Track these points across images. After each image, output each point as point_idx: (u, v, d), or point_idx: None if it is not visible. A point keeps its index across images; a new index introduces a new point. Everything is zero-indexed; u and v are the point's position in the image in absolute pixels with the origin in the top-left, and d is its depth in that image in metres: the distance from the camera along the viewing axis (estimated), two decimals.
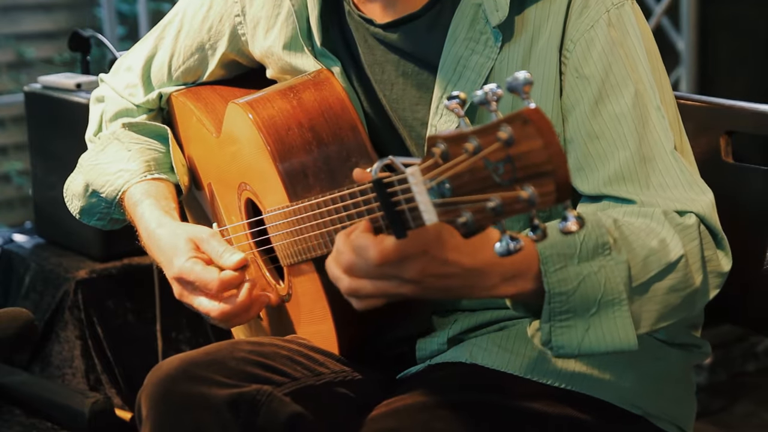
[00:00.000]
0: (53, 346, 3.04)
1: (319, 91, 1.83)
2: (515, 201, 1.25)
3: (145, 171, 2.01)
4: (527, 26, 1.72)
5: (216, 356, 1.72)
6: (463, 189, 1.29)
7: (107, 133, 2.10)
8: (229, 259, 1.81)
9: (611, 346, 1.56)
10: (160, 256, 1.90)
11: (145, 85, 2.12)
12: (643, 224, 1.62)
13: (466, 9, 1.74)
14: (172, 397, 1.67)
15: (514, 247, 1.30)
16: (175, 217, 1.94)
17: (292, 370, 1.74)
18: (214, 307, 1.81)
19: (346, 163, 1.78)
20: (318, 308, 1.79)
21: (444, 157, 1.30)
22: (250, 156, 1.84)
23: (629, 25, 1.72)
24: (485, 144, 1.26)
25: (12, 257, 3.30)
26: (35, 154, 3.33)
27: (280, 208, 1.78)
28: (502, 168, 1.25)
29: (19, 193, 5.96)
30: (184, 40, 2.06)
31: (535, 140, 1.23)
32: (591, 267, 1.54)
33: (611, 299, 1.55)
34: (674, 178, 1.67)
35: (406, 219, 1.39)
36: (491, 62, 1.72)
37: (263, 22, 1.94)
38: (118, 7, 5.81)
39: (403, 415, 1.68)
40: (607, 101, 1.69)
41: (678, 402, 1.84)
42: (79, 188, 2.08)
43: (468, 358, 1.77)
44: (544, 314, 1.55)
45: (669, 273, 1.60)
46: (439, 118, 1.75)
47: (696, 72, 4.81)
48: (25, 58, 6.07)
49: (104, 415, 2.82)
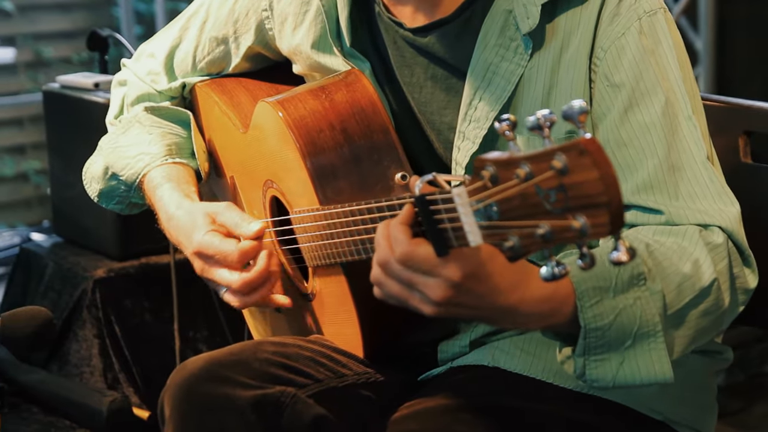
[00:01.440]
0: (71, 344, 3.04)
1: (350, 92, 1.82)
2: (566, 230, 1.25)
3: (166, 155, 2.00)
4: (557, 34, 1.71)
5: (240, 357, 1.72)
6: (511, 213, 1.29)
7: (129, 116, 2.09)
8: (247, 228, 1.80)
9: (646, 379, 1.54)
10: (179, 236, 1.89)
11: (168, 74, 2.11)
12: (675, 244, 1.60)
13: (496, 15, 1.73)
14: (196, 398, 1.67)
15: (559, 272, 1.29)
16: (194, 200, 1.93)
17: (315, 371, 1.74)
18: (235, 278, 1.80)
19: (377, 165, 1.77)
20: (343, 311, 1.79)
21: (493, 181, 1.29)
22: (279, 155, 1.84)
23: (661, 33, 1.70)
24: (538, 171, 1.25)
25: (30, 256, 3.31)
26: (53, 154, 3.34)
27: (309, 210, 1.77)
28: (554, 196, 1.25)
29: (37, 192, 5.98)
30: (210, 31, 2.05)
31: (590, 171, 1.23)
32: (626, 300, 1.53)
33: (646, 331, 1.53)
34: (703, 188, 1.65)
35: (449, 237, 1.38)
36: (521, 69, 1.71)
37: (291, 18, 1.93)
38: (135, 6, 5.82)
39: (425, 417, 1.68)
40: (636, 110, 1.68)
41: (699, 407, 1.83)
42: (99, 171, 2.07)
43: (490, 361, 1.76)
44: (578, 348, 1.53)
45: (702, 298, 1.59)
46: (467, 125, 1.74)
47: (714, 72, 4.79)
48: (43, 57, 6.09)
49: (122, 414, 2.83)
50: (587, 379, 1.53)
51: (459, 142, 1.75)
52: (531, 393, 1.71)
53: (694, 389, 1.81)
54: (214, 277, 1.83)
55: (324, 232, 1.73)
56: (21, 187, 6.03)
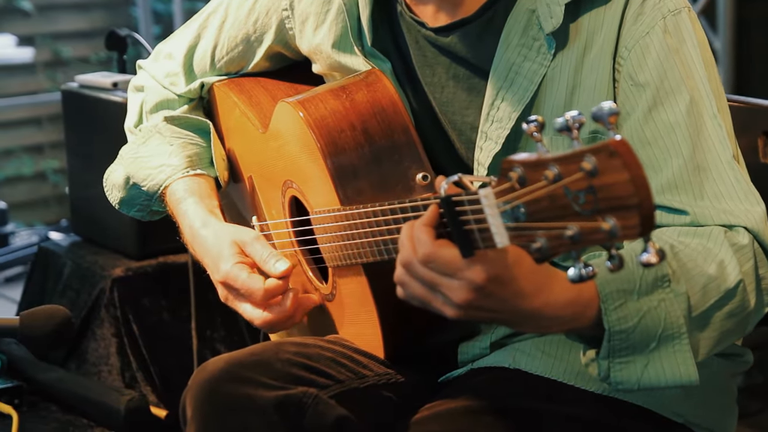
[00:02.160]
0: (89, 343, 3.05)
1: (371, 92, 1.81)
2: (595, 231, 1.24)
3: (187, 167, 2.01)
4: (581, 33, 1.70)
5: (261, 357, 1.72)
6: (539, 215, 1.28)
7: (148, 125, 2.10)
8: (274, 266, 1.81)
9: (671, 381, 1.53)
10: (204, 258, 1.91)
11: (186, 74, 2.11)
12: (700, 245, 1.59)
13: (519, 15, 1.73)
14: (218, 398, 1.67)
15: (586, 273, 1.29)
16: (218, 217, 1.94)
17: (336, 372, 1.74)
18: (258, 315, 1.82)
19: (398, 165, 1.77)
20: (364, 311, 1.79)
21: (521, 182, 1.29)
22: (299, 155, 1.84)
23: (686, 32, 1.70)
24: (567, 173, 1.25)
25: (48, 255, 3.32)
26: (72, 153, 3.35)
27: (330, 211, 1.77)
28: (583, 198, 1.24)
29: (55, 192, 6.00)
30: (229, 30, 2.05)
31: (621, 173, 1.22)
32: (651, 302, 1.52)
33: (671, 333, 1.52)
34: (729, 187, 1.64)
35: (475, 239, 1.38)
36: (544, 69, 1.70)
37: (312, 18, 1.93)
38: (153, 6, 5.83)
39: (446, 419, 1.68)
40: (660, 109, 1.67)
41: (720, 410, 1.83)
42: (120, 180, 2.08)
43: (511, 363, 1.76)
44: (603, 350, 1.52)
45: (728, 299, 1.58)
46: (489, 125, 1.74)
47: (732, 72, 4.78)
48: (62, 57, 6.11)
49: (139, 413, 2.83)
50: (612, 381, 1.53)
51: (481, 142, 1.75)
52: (552, 395, 1.71)
53: (714, 392, 1.81)
54: (238, 308, 1.85)
55: (345, 233, 1.73)
56: (39, 186, 6.05)
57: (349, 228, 1.71)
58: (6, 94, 5.84)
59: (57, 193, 5.96)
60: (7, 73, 5.89)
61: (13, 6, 5.95)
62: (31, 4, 5.99)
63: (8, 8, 5.94)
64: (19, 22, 5.99)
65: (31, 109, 5.98)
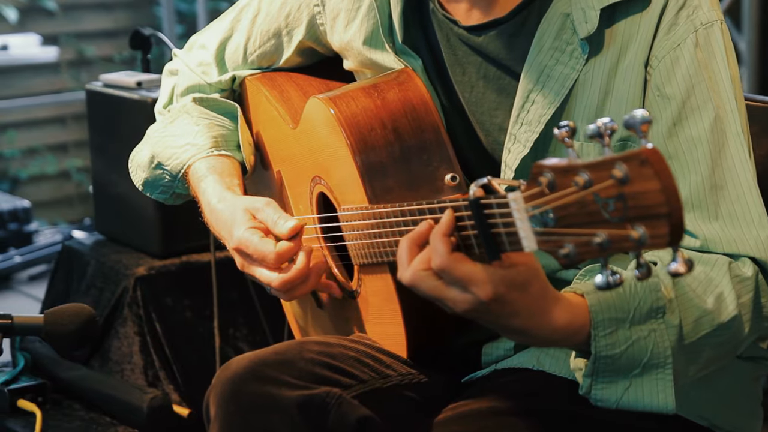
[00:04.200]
0: (112, 342, 3.06)
1: (402, 91, 1.82)
2: (624, 239, 1.25)
3: (212, 146, 2.01)
4: (615, 40, 1.69)
5: (285, 356, 1.72)
6: (567, 221, 1.29)
7: (177, 106, 2.10)
8: (283, 226, 1.80)
9: (648, 407, 1.57)
10: (221, 230, 1.90)
11: (218, 66, 2.12)
12: (702, 273, 1.61)
13: (553, 18, 1.72)
14: (242, 398, 1.67)
15: (613, 281, 1.30)
16: (237, 193, 1.94)
17: (359, 372, 1.74)
18: (274, 277, 1.80)
19: (427, 165, 1.77)
20: (388, 310, 1.79)
21: (551, 187, 1.30)
22: (329, 151, 1.84)
23: (716, 47, 1.69)
24: (597, 179, 1.25)
25: (72, 254, 3.33)
26: (95, 152, 3.36)
27: (358, 208, 1.77)
28: (612, 205, 1.25)
29: (78, 190, 6.02)
30: (261, 24, 2.05)
31: (652, 182, 1.23)
32: (641, 331, 1.55)
33: (656, 362, 1.56)
34: (744, 209, 1.65)
35: (502, 242, 1.39)
36: (576, 74, 1.70)
37: (343, 14, 1.93)
38: (177, 6, 5.85)
39: (469, 420, 1.68)
40: (685, 123, 1.66)
41: (744, 413, 1.82)
42: (145, 159, 2.08)
43: (535, 364, 1.76)
44: (587, 369, 1.56)
45: (720, 332, 1.60)
46: (519, 128, 1.74)
47: (757, 72, 4.76)
48: (86, 56, 6.13)
49: (162, 411, 2.84)
50: (592, 398, 1.57)
51: (510, 144, 1.75)
52: (575, 397, 1.70)
53: (739, 395, 1.81)
54: (254, 274, 1.84)
55: (373, 231, 1.73)
56: (63, 184, 6.07)
57: (377, 226, 1.72)
58: (30, 93, 5.86)
59: (80, 192, 5.98)
60: (31, 73, 5.91)
61: (38, 5, 5.98)
62: (56, 3, 6.01)
63: (33, 8, 5.96)
64: (43, 21, 6.02)
65: (55, 108, 6.01)
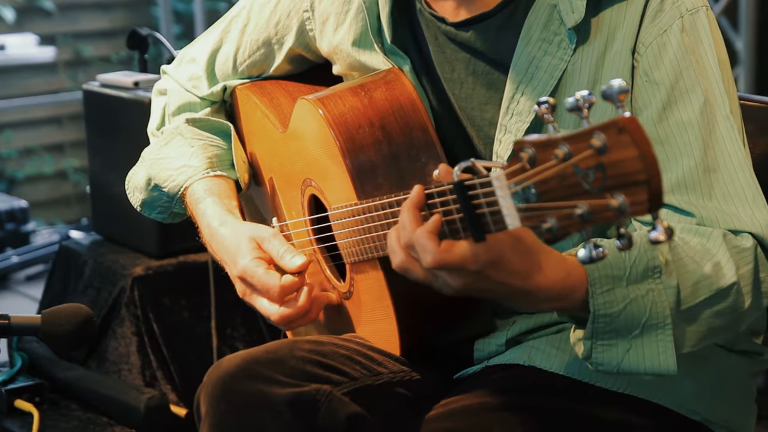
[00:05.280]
0: (110, 342, 3.06)
1: (390, 90, 1.83)
2: (605, 209, 1.25)
3: (208, 168, 2.02)
4: (602, 29, 1.71)
5: (276, 355, 1.72)
6: (549, 195, 1.29)
7: (170, 127, 2.11)
8: (290, 261, 1.82)
9: (650, 369, 1.57)
10: (223, 255, 1.91)
11: (209, 78, 2.12)
12: (699, 244, 1.61)
13: (540, 9, 1.73)
14: (232, 396, 1.68)
15: (596, 254, 1.30)
16: (237, 216, 1.95)
17: (351, 369, 1.75)
18: (275, 310, 1.82)
19: (416, 162, 1.78)
20: (380, 307, 1.80)
21: (531, 162, 1.30)
22: (318, 152, 1.85)
23: (703, 32, 1.70)
24: (576, 151, 1.26)
25: (69, 254, 3.33)
26: (93, 152, 3.36)
27: (347, 206, 1.78)
28: (592, 175, 1.25)
29: (76, 190, 6.02)
30: (251, 34, 2.06)
31: (629, 149, 1.23)
32: (639, 290, 1.55)
33: (656, 323, 1.56)
34: (738, 190, 1.65)
35: (487, 222, 1.39)
36: (564, 64, 1.71)
37: (333, 18, 1.94)
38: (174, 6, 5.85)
39: (461, 416, 1.68)
40: (674, 108, 1.67)
41: (738, 408, 1.82)
42: (141, 182, 2.09)
43: (526, 360, 1.76)
44: (586, 331, 1.56)
45: (719, 299, 1.60)
46: (509, 119, 1.75)
47: (755, 72, 4.76)
48: (83, 56, 6.13)
49: (159, 411, 2.84)
50: (593, 361, 1.57)
51: (501, 135, 1.76)
52: (567, 392, 1.71)
53: (733, 390, 1.81)
54: (255, 304, 1.86)
55: (362, 227, 1.74)
56: (60, 184, 6.07)
57: (366, 221, 1.72)
58: (27, 93, 5.86)
59: (78, 192, 5.98)
60: (28, 73, 5.91)
61: (35, 5, 5.98)
62: (53, 3, 6.01)
63: (30, 8, 5.96)
64: (40, 21, 6.02)
65: (52, 108, 6.01)
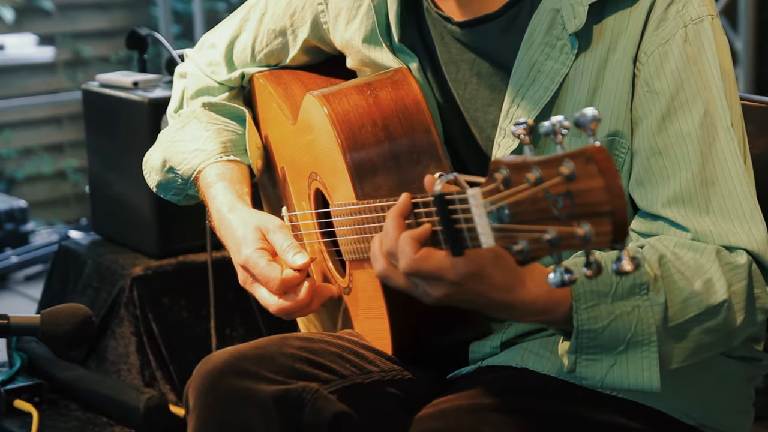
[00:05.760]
0: (109, 342, 3.06)
1: (396, 90, 1.83)
2: (571, 236, 1.25)
3: (221, 152, 2.03)
4: (605, 35, 1.70)
5: (265, 351, 1.73)
6: (521, 217, 1.30)
7: (187, 110, 2.13)
8: (292, 259, 1.82)
9: (633, 385, 1.58)
10: (228, 242, 1.92)
11: (227, 65, 2.14)
12: (692, 259, 1.61)
13: (543, 14, 1.72)
14: (219, 391, 1.68)
15: (568, 279, 1.31)
16: (247, 202, 1.96)
17: (340, 367, 1.75)
18: (274, 302, 1.83)
19: (417, 164, 1.78)
20: (375, 306, 1.80)
21: (506, 183, 1.31)
22: (323, 147, 1.86)
23: (706, 42, 1.68)
24: (547, 176, 1.26)
25: (69, 254, 3.33)
26: (92, 152, 3.36)
27: (345, 204, 1.79)
28: (561, 202, 1.26)
29: (75, 190, 6.02)
30: (268, 23, 2.07)
31: (596, 179, 1.23)
32: (624, 306, 1.55)
33: (641, 339, 1.56)
34: (735, 204, 1.64)
35: (464, 237, 1.40)
36: (566, 69, 1.70)
37: (344, 13, 1.94)
38: (173, 6, 5.85)
39: (451, 416, 1.68)
40: (674, 118, 1.66)
41: (734, 413, 1.82)
42: (157, 163, 2.11)
43: (519, 362, 1.76)
44: (571, 346, 1.56)
45: (708, 316, 1.60)
46: (508, 122, 1.74)
47: (754, 72, 4.76)
48: (82, 56, 6.13)
49: (159, 411, 2.84)
50: (577, 375, 1.58)
51: (500, 139, 1.76)
52: (559, 395, 1.71)
53: (730, 395, 1.80)
54: (255, 293, 1.86)
55: (358, 227, 1.75)
56: (59, 184, 6.07)
57: (361, 222, 1.73)
58: (27, 93, 5.86)
59: (77, 192, 5.98)
60: (27, 73, 5.91)
61: (34, 5, 5.98)
62: (52, 3, 6.01)
63: (29, 8, 5.96)
64: (39, 21, 6.02)
65: (51, 108, 6.00)
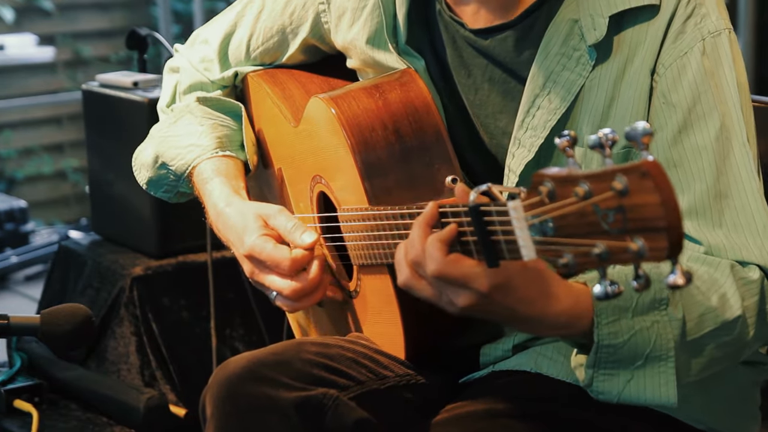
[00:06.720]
0: (109, 342, 3.06)
1: (405, 91, 1.81)
2: (623, 251, 1.25)
3: (217, 147, 2.00)
4: (623, 47, 1.69)
5: (282, 357, 1.71)
6: (566, 230, 1.29)
7: (181, 105, 2.10)
8: (300, 237, 1.80)
9: (650, 401, 1.58)
10: (229, 235, 1.89)
11: (221, 62, 2.11)
12: (707, 273, 1.61)
13: (561, 24, 1.71)
14: (238, 398, 1.67)
15: (612, 291, 1.30)
16: (243, 197, 1.94)
17: (357, 373, 1.74)
18: (287, 285, 1.80)
19: (428, 167, 1.77)
20: (387, 311, 1.79)
21: (551, 197, 1.30)
22: (330, 151, 1.84)
23: (723, 55, 1.68)
24: (597, 190, 1.25)
25: (69, 254, 3.33)
26: (92, 152, 3.36)
27: (358, 209, 1.77)
28: (612, 216, 1.25)
29: (75, 190, 6.02)
30: (265, 21, 2.05)
31: (651, 195, 1.22)
32: (644, 322, 1.55)
33: (659, 354, 1.56)
34: (749, 219, 1.64)
35: (501, 250, 1.39)
36: (582, 80, 1.70)
37: (349, 13, 1.92)
38: (173, 6, 5.85)
39: (466, 422, 1.68)
40: (690, 131, 1.66)
41: (742, 417, 1.82)
42: (149, 159, 2.07)
43: (533, 366, 1.76)
44: (589, 360, 1.56)
45: (724, 331, 1.60)
46: (524, 132, 1.73)
47: (754, 72, 4.76)
48: (82, 56, 6.13)
49: (159, 411, 2.84)
50: (594, 390, 1.58)
51: (514, 148, 1.75)
52: (572, 400, 1.70)
53: (737, 399, 1.81)
54: (265, 281, 1.83)
55: (372, 233, 1.73)
56: (59, 185, 6.07)
57: (376, 228, 1.72)
58: (27, 93, 5.86)
59: (77, 192, 5.98)
60: (27, 73, 5.91)
61: (34, 5, 5.98)
62: (52, 3, 6.01)
63: (29, 8, 5.96)
64: (39, 21, 6.01)
65: (51, 109, 6.00)
